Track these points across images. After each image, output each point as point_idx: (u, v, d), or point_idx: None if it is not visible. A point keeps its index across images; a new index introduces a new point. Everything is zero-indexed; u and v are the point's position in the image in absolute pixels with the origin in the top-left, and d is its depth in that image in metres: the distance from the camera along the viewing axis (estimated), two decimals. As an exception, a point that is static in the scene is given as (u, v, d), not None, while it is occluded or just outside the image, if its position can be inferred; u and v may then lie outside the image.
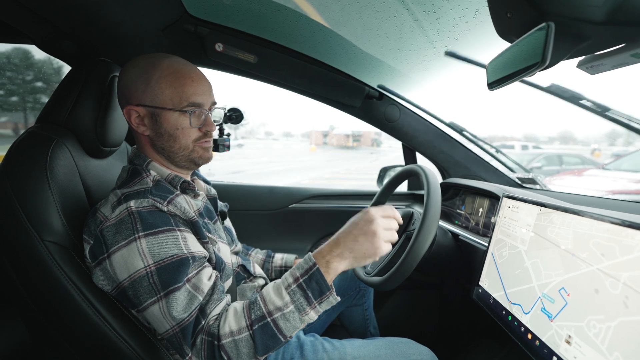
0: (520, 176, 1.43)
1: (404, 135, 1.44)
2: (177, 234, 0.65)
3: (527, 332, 0.63)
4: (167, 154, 0.75)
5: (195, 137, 0.75)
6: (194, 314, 0.61)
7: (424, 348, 0.87)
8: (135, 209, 0.64)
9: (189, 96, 0.72)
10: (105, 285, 0.66)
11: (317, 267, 0.62)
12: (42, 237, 0.63)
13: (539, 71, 0.56)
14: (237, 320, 0.61)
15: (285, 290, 0.62)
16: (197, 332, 0.61)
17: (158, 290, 0.61)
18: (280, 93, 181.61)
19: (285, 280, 0.64)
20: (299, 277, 0.63)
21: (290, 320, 0.61)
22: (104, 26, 0.91)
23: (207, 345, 0.61)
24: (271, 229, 1.48)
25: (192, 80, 0.72)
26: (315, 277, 0.62)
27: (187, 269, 0.63)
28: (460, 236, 1.06)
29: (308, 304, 0.62)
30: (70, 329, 0.66)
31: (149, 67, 0.71)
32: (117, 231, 0.63)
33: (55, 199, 0.66)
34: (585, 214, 0.57)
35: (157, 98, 0.71)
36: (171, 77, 0.71)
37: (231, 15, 1.05)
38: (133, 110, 0.72)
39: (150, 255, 0.62)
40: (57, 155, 0.69)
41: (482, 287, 0.83)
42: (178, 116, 0.72)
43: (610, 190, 4.07)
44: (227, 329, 0.61)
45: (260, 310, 0.61)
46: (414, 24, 0.87)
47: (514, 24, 0.59)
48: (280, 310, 0.61)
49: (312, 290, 0.62)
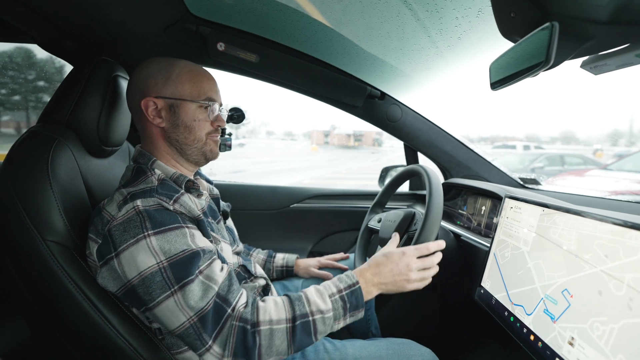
0: (523, 176, 1.43)
1: (406, 135, 1.43)
2: (186, 231, 0.66)
3: (529, 333, 0.63)
4: (181, 146, 0.78)
5: (208, 130, 0.79)
6: (211, 303, 0.62)
7: (425, 349, 0.87)
8: (143, 208, 0.64)
9: (207, 91, 0.77)
10: (110, 285, 0.66)
11: (359, 285, 0.71)
12: (43, 237, 0.63)
13: (542, 71, 0.56)
14: (277, 311, 0.65)
15: (329, 298, 0.68)
16: (225, 319, 0.62)
17: (172, 284, 0.62)
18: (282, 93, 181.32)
19: (328, 289, 0.70)
20: (342, 290, 0.70)
21: (326, 324, 0.66)
22: (106, 25, 0.91)
23: (237, 330, 0.62)
24: (273, 229, 1.48)
25: (208, 79, 0.79)
26: (355, 293, 0.70)
27: (199, 261, 0.64)
28: (462, 237, 1.05)
29: (343, 315, 0.68)
30: (71, 328, 0.66)
31: (167, 65, 0.76)
32: (124, 230, 0.63)
33: (56, 198, 0.66)
34: (588, 215, 0.57)
35: (177, 91, 0.75)
36: (190, 74, 0.76)
37: (233, 15, 1.05)
38: (151, 101, 0.75)
39: (161, 252, 0.62)
40: (58, 154, 0.69)
41: (484, 287, 0.82)
42: (196, 108, 0.76)
43: (613, 190, 4.05)
44: (267, 317, 0.64)
45: (304, 308, 0.65)
46: (416, 23, 0.87)
47: (518, 24, 0.59)
48: (321, 314, 0.66)
49: (350, 303, 0.68)
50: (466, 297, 0.90)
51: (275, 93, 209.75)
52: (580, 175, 5.62)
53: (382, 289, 0.74)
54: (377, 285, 0.73)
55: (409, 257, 0.75)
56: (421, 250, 0.77)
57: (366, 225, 1.15)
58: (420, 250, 0.77)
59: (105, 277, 0.65)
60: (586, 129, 53.09)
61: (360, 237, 1.15)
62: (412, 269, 0.74)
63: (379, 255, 0.78)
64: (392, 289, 0.74)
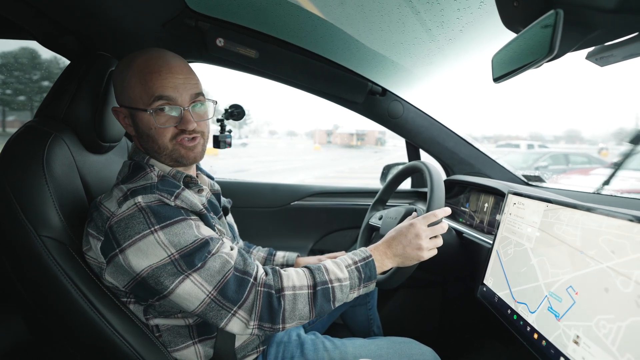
0: (527, 174, 1.41)
1: (408, 132, 1.42)
2: (191, 222, 0.66)
3: (533, 331, 0.61)
4: (152, 154, 0.73)
5: (172, 134, 0.71)
6: (229, 275, 0.64)
7: (427, 348, 0.85)
8: (145, 204, 0.64)
9: (155, 90, 0.67)
10: (118, 280, 0.65)
11: (372, 258, 0.74)
12: (38, 232, 0.62)
13: (546, 62, 0.54)
14: (299, 278, 0.68)
15: (346, 268, 0.72)
16: (250, 287, 0.65)
17: (185, 270, 0.62)
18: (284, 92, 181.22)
19: (344, 260, 0.73)
20: (358, 261, 0.73)
21: (343, 292, 0.70)
22: (104, 20, 0.90)
23: (263, 295, 0.65)
24: (273, 227, 1.47)
25: (159, 74, 0.68)
26: (369, 265, 0.73)
27: (209, 246, 0.65)
28: (464, 234, 1.04)
29: (358, 285, 0.72)
30: (68, 325, 0.65)
31: (124, 67, 0.70)
32: (127, 226, 0.62)
33: (52, 194, 0.65)
34: (595, 210, 0.55)
35: (130, 97, 0.69)
36: (140, 74, 0.68)
37: (232, 10, 1.04)
38: (118, 110, 0.73)
39: (171, 245, 0.62)
40: (54, 149, 0.69)
41: (486, 285, 0.81)
42: (149, 115, 0.69)
43: (619, 189, 4.01)
44: (290, 282, 0.67)
45: (323, 276, 0.69)
46: (416, 16, 0.85)
47: (521, 13, 0.57)
48: (339, 282, 0.70)
49: (365, 274, 0.72)
50: (468, 295, 0.89)
51: (277, 92, 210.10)
52: (585, 173, 5.57)
53: (396, 261, 0.76)
54: (391, 257, 0.76)
55: (418, 226, 0.76)
56: (428, 218, 0.78)
57: (367, 222, 1.14)
58: (427, 219, 0.78)
59: (112, 273, 0.65)
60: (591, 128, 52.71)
61: (361, 235, 1.14)
62: (421, 237, 0.75)
63: (390, 231, 0.80)
64: (405, 261, 0.76)
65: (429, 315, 1.49)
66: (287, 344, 0.85)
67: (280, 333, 0.87)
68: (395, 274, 0.84)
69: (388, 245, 0.77)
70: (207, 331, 0.75)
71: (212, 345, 0.75)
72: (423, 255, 0.76)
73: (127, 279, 0.65)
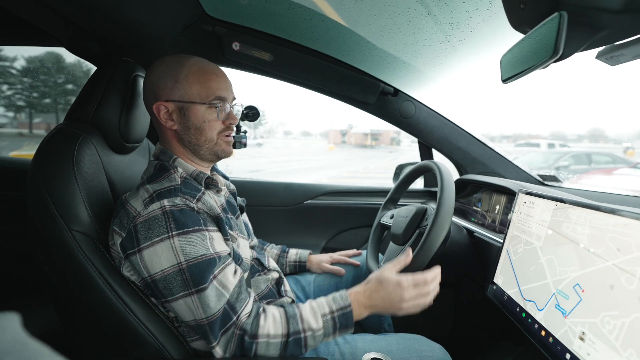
0: (542, 173, 1.39)
1: (420, 132, 1.42)
2: (206, 234, 0.70)
3: (540, 328, 0.62)
4: (193, 147, 0.79)
5: (220, 129, 0.80)
6: (221, 310, 0.68)
7: (436, 345, 0.87)
8: (169, 209, 0.68)
9: (215, 91, 0.77)
10: (133, 276, 0.70)
11: (350, 308, 0.74)
12: (69, 227, 0.67)
13: (552, 62, 0.55)
14: (275, 327, 0.71)
15: (322, 318, 0.73)
16: (229, 326, 0.68)
17: (190, 286, 0.67)
18: (299, 93, 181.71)
19: (322, 308, 0.74)
20: (335, 311, 0.74)
21: (315, 340, 0.72)
22: (126, 27, 0.95)
23: (237, 338, 0.68)
24: (286, 225, 1.50)
25: (217, 76, 0.78)
26: (346, 315, 0.74)
27: (214, 267, 0.69)
28: (475, 233, 1.04)
29: (332, 333, 0.73)
30: (94, 314, 0.70)
31: (176, 66, 0.76)
32: (149, 227, 0.67)
33: (81, 191, 0.70)
34: (601, 208, 0.56)
35: (186, 93, 0.76)
36: (198, 74, 0.76)
37: (247, 15, 1.07)
38: (162, 105, 0.77)
39: (182, 253, 0.67)
40: (83, 150, 0.73)
41: (496, 284, 0.81)
42: (205, 109, 0.77)
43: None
44: (264, 331, 0.70)
45: (297, 326, 0.71)
46: (427, 17, 0.86)
47: (528, 15, 0.58)
48: (312, 331, 0.71)
49: (340, 324, 0.73)
50: (481, 296, 0.89)
51: (292, 93, 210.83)
52: (607, 173, 5.38)
53: (373, 311, 0.77)
54: (369, 307, 0.76)
55: (404, 289, 0.75)
56: (417, 281, 0.77)
57: (379, 221, 1.15)
58: (416, 281, 0.77)
59: (128, 269, 0.70)
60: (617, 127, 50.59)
61: (373, 233, 1.15)
62: (405, 299, 0.75)
63: (374, 280, 0.78)
64: (386, 311, 0.77)
65: (441, 315, 1.49)
66: (300, 338, 0.87)
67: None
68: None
69: (369, 297, 0.77)
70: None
71: None
72: (400, 313, 0.76)
73: (140, 277, 0.70)
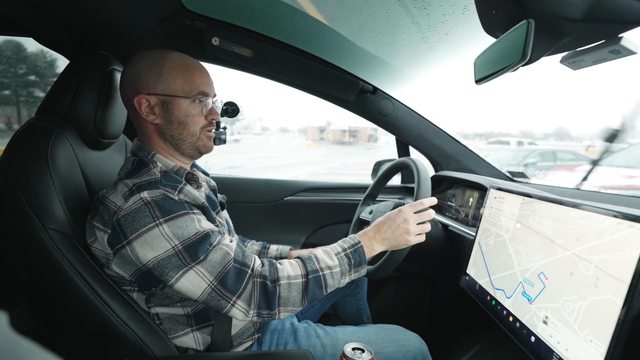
0: (511, 170, 1.47)
1: (398, 130, 1.46)
2: (193, 217, 0.70)
3: (509, 315, 0.67)
4: (175, 141, 0.79)
5: (203, 124, 0.79)
6: (229, 266, 0.68)
7: (413, 334, 0.91)
8: (150, 199, 0.67)
9: (199, 86, 0.77)
10: (125, 270, 0.69)
11: (361, 244, 0.78)
12: (44, 225, 0.65)
13: (521, 66, 0.59)
14: (293, 268, 0.73)
15: (336, 256, 0.75)
16: (247, 278, 0.69)
17: (188, 262, 0.66)
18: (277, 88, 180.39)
19: (334, 248, 0.77)
20: (347, 249, 0.77)
21: (334, 278, 0.74)
22: (102, 19, 0.92)
23: (259, 285, 0.69)
24: (267, 221, 1.51)
25: (200, 72, 0.78)
26: (358, 251, 0.77)
27: (210, 239, 0.69)
28: (450, 227, 1.09)
29: (348, 270, 0.76)
30: (73, 313, 0.68)
31: (158, 60, 0.76)
32: (133, 219, 0.66)
33: (57, 188, 0.68)
34: (564, 202, 0.61)
35: (169, 87, 0.75)
36: (181, 69, 0.76)
37: (227, 10, 1.06)
38: (144, 99, 0.75)
39: (175, 237, 0.66)
40: (57, 146, 0.71)
41: (469, 274, 0.86)
42: (189, 104, 0.77)
43: (602, 185, 4.13)
44: (285, 272, 0.71)
45: (314, 265, 0.73)
46: (406, 18, 0.89)
47: (499, 21, 0.61)
48: (330, 269, 0.73)
49: (354, 260, 0.76)
50: (456, 287, 0.94)
51: (270, 89, 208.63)
52: (571, 170, 5.71)
53: (384, 245, 0.80)
54: (380, 241, 0.79)
55: (406, 212, 0.81)
56: (416, 206, 0.82)
57: (358, 216, 1.18)
58: (415, 206, 0.82)
59: (118, 264, 0.68)
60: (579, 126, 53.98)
61: (352, 229, 1.18)
62: (409, 222, 0.80)
63: (379, 218, 0.83)
64: (394, 244, 0.80)
65: (418, 307, 1.55)
66: (281, 332, 0.89)
67: (275, 321, 0.91)
68: (383, 265, 0.89)
69: (377, 230, 0.80)
70: (204, 319, 0.79)
71: (209, 333, 0.79)
72: (410, 239, 0.80)
73: (133, 269, 0.69)
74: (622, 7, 0.49)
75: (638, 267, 0.44)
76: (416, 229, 0.81)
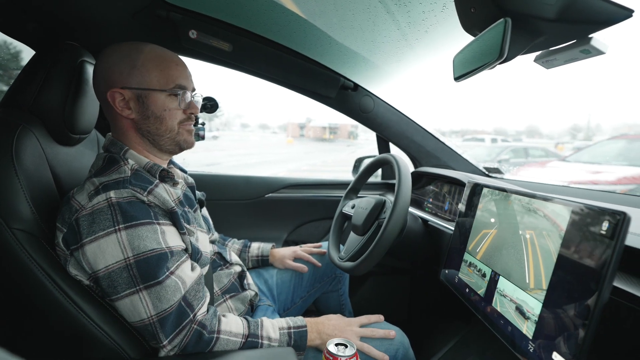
0: (487, 166, 1.51)
1: (378, 126, 1.48)
2: (157, 228, 0.66)
3: (486, 305, 0.69)
4: (153, 137, 0.76)
5: (181, 119, 0.76)
6: (176, 305, 0.64)
7: (395, 328, 0.92)
8: (116, 200, 0.64)
9: (176, 78, 0.74)
10: (80, 274, 0.66)
11: (306, 328, 0.78)
12: (9, 225, 0.62)
13: (498, 64, 0.61)
14: (237, 326, 0.73)
15: (279, 330, 0.76)
16: (185, 324, 0.66)
17: (138, 282, 0.63)
18: (257, 84, 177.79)
19: (280, 323, 0.78)
20: (292, 327, 0.77)
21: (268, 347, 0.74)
22: (72, 8, 0.87)
23: (194, 333, 0.67)
24: (248, 219, 1.49)
25: (177, 64, 0.75)
26: (302, 334, 0.77)
27: (167, 262, 0.65)
28: (429, 222, 1.11)
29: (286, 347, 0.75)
30: (44, 316, 0.65)
31: (132, 52, 0.72)
32: (93, 221, 0.63)
33: (22, 186, 0.64)
34: (537, 196, 0.63)
35: (144, 80, 0.72)
36: (157, 61, 0.73)
37: (205, 2, 1.03)
38: (118, 93, 0.71)
39: (130, 248, 0.63)
40: (23, 141, 0.67)
41: (448, 268, 0.88)
42: (166, 97, 0.73)
43: (570, 180, 4.34)
44: (227, 327, 0.71)
45: (257, 331, 0.74)
46: (386, 16, 0.90)
47: (478, 19, 0.63)
48: (269, 340, 0.74)
49: (295, 341, 0.76)
50: (435, 280, 0.96)
51: (250, 84, 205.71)
52: (542, 166, 5.97)
53: (323, 339, 0.79)
54: (319, 333, 0.79)
55: (352, 324, 0.82)
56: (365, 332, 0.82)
57: (341, 210, 1.19)
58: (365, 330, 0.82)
59: (74, 266, 0.65)
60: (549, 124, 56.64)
61: (335, 222, 1.19)
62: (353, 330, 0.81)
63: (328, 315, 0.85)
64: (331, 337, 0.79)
65: (398, 301, 1.58)
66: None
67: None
68: (364, 261, 0.89)
69: (322, 323, 0.81)
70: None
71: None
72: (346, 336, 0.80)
73: (86, 275, 0.66)
74: (593, 8, 0.51)
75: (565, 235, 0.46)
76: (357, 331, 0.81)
